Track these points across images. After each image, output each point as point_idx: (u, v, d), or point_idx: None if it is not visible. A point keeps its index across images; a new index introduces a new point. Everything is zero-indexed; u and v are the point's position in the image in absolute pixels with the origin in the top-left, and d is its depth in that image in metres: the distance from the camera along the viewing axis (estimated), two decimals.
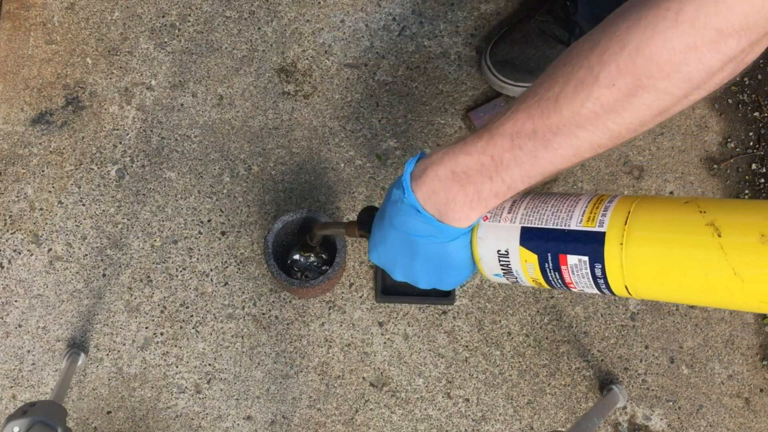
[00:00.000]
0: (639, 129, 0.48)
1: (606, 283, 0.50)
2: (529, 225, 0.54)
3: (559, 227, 0.52)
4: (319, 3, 1.18)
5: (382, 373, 1.06)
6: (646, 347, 1.08)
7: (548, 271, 0.53)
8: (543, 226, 0.53)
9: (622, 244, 0.48)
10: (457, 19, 1.18)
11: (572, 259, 0.51)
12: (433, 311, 1.08)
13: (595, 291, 0.52)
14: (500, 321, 1.08)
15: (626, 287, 0.49)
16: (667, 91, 0.46)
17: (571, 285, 0.53)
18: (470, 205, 0.54)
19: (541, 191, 0.55)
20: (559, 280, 0.53)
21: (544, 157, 0.50)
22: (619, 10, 0.47)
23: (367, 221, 0.67)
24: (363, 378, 1.06)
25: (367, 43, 1.17)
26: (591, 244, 0.50)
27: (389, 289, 1.07)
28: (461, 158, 0.53)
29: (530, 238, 0.54)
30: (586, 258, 0.50)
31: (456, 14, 1.18)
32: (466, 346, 1.07)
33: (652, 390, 1.07)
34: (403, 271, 0.62)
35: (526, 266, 0.54)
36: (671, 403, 1.07)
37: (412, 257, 0.58)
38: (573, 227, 0.51)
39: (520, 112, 0.50)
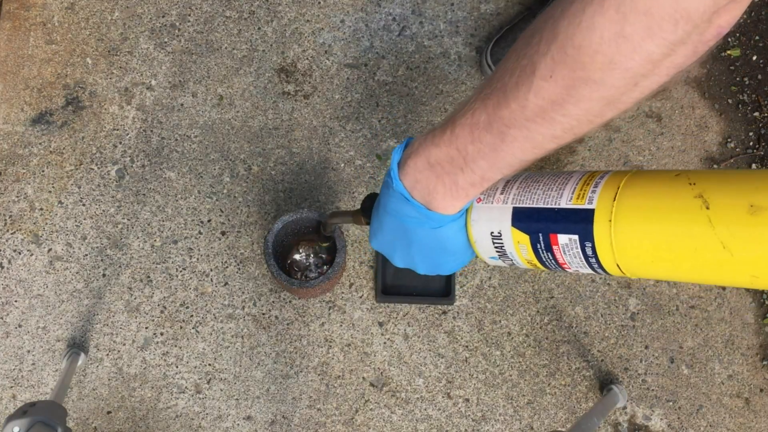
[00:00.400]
0: (596, 120, 0.45)
1: (598, 261, 0.49)
2: (520, 205, 0.53)
3: (549, 206, 0.51)
4: (319, 3, 1.18)
5: (382, 373, 1.06)
6: (646, 347, 1.08)
7: (541, 251, 0.52)
8: (534, 205, 0.52)
9: (610, 220, 0.47)
10: (457, 19, 1.18)
11: (563, 239, 0.50)
12: (433, 311, 1.08)
13: (589, 270, 0.51)
14: (500, 321, 1.08)
15: (618, 265, 0.48)
16: (606, 83, 0.42)
17: (565, 265, 0.52)
18: (451, 195, 0.53)
19: (534, 171, 0.54)
20: (553, 261, 0.52)
21: (504, 150, 0.48)
22: None
23: (368, 208, 0.67)
24: (363, 378, 1.06)
25: (367, 43, 1.17)
26: (580, 222, 0.49)
27: (389, 289, 1.07)
28: (432, 150, 0.52)
29: (521, 218, 0.53)
30: (576, 237, 0.49)
31: (456, 14, 1.18)
32: (466, 346, 1.07)
33: (652, 390, 1.07)
34: (402, 257, 0.61)
35: (519, 247, 0.53)
36: (671, 403, 1.07)
37: (409, 243, 0.58)
38: (563, 205, 0.50)
39: (477, 102, 0.49)
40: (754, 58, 1.18)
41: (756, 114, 1.16)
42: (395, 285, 1.07)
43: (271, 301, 1.07)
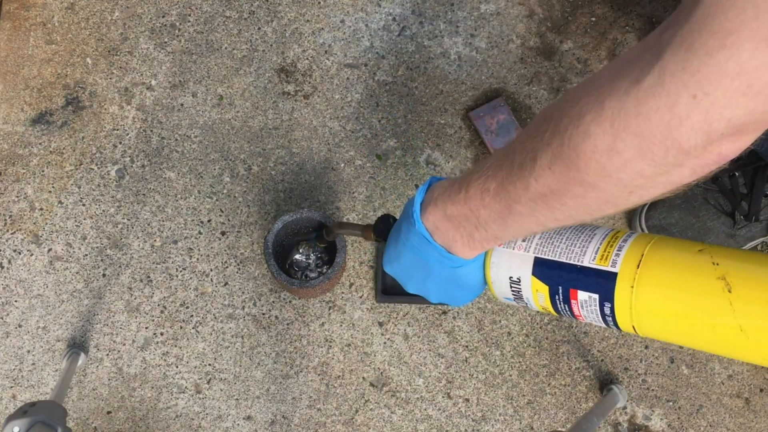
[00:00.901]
0: (595, 214, 0.46)
1: (614, 320, 0.51)
2: (542, 256, 0.55)
3: (572, 262, 0.53)
4: (319, 3, 1.18)
5: (382, 373, 1.06)
6: (646, 347, 1.08)
7: (558, 302, 0.54)
8: (556, 258, 0.54)
9: (632, 287, 0.49)
10: (457, 19, 1.18)
11: (583, 295, 0.52)
12: (433, 311, 1.08)
13: (603, 325, 0.53)
14: (500, 321, 1.08)
15: (633, 327, 0.50)
16: (599, 187, 0.42)
17: (580, 317, 0.54)
18: (468, 246, 0.55)
19: None
20: (568, 312, 0.54)
21: (512, 220, 0.50)
22: (593, 76, 0.43)
23: (382, 231, 0.69)
24: (363, 378, 1.06)
25: (367, 43, 1.17)
26: (602, 283, 0.50)
27: (389, 289, 1.07)
28: (449, 205, 0.53)
29: (543, 269, 0.55)
30: (596, 296, 0.51)
31: (456, 14, 1.18)
32: (466, 346, 1.07)
33: (652, 390, 1.07)
34: (416, 286, 0.63)
35: (537, 295, 0.55)
36: (671, 403, 1.07)
37: (425, 276, 0.60)
38: (586, 264, 0.52)
39: (491, 169, 0.50)
40: None
41: None
42: (395, 285, 1.07)
43: (271, 301, 1.07)
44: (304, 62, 1.16)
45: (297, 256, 1.04)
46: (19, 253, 1.07)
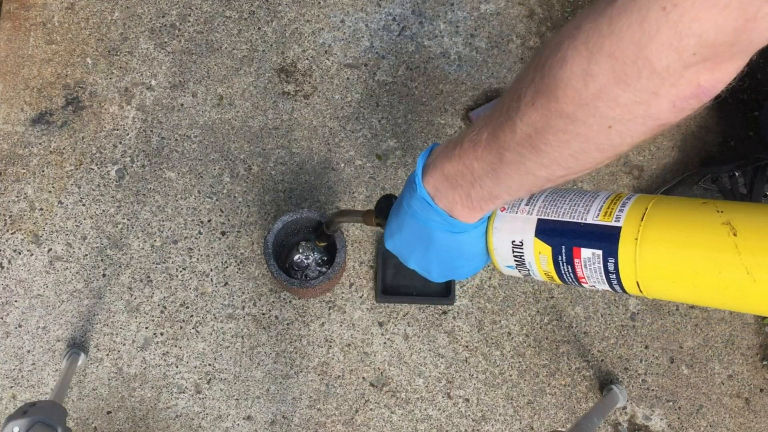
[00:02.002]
0: (579, 157, 0.44)
1: (618, 278, 0.50)
2: (545, 217, 0.54)
3: (575, 220, 0.53)
4: (319, 3, 1.18)
5: (382, 373, 1.06)
6: (646, 347, 1.08)
7: (561, 263, 0.53)
8: (560, 218, 0.54)
9: (637, 239, 0.48)
10: (457, 19, 1.18)
11: (586, 253, 0.51)
12: (433, 311, 1.08)
13: (606, 287, 0.52)
14: (500, 321, 1.08)
15: (638, 283, 0.49)
16: (578, 118, 0.41)
17: (583, 279, 0.53)
18: (467, 207, 0.54)
19: (560, 186, 0.56)
20: (571, 274, 0.53)
21: (503, 171, 0.49)
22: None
23: (384, 209, 0.68)
24: (363, 378, 1.06)
25: (367, 43, 1.17)
26: (606, 239, 0.50)
27: (389, 289, 1.07)
28: (446, 163, 0.53)
29: (546, 230, 0.54)
30: (599, 252, 0.50)
31: (456, 14, 1.18)
32: (466, 346, 1.07)
33: (652, 390, 1.07)
34: (418, 259, 0.62)
35: (540, 258, 0.55)
36: (671, 403, 1.07)
37: (427, 246, 0.59)
38: (589, 221, 0.52)
39: (485, 120, 0.49)
40: (754, 58, 1.18)
41: (756, 114, 1.16)
42: (395, 285, 1.07)
43: (271, 301, 1.07)
44: (304, 62, 1.16)
45: (297, 256, 1.04)
46: (19, 253, 1.07)
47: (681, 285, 0.47)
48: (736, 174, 1.02)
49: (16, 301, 1.06)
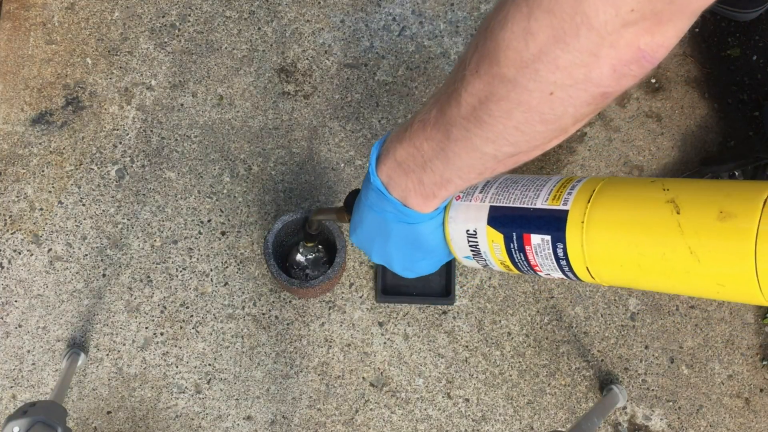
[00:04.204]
0: (524, 129, 0.42)
1: (569, 264, 0.49)
2: (497, 204, 0.53)
3: (525, 206, 0.51)
4: (319, 3, 1.18)
5: (382, 373, 1.06)
6: (646, 347, 1.08)
7: (514, 251, 0.52)
8: (510, 204, 0.52)
9: (583, 222, 0.46)
10: (457, 19, 1.18)
11: (535, 239, 0.49)
12: (433, 311, 1.08)
13: (560, 274, 0.51)
14: (500, 321, 1.08)
15: (588, 269, 0.48)
16: (519, 83, 0.39)
17: (536, 268, 0.52)
18: (420, 194, 0.52)
19: (515, 172, 0.54)
20: (525, 262, 0.52)
21: (451, 149, 0.47)
22: None
23: (351, 204, 0.67)
24: (363, 378, 1.06)
25: (367, 43, 1.17)
26: (554, 223, 0.48)
27: (389, 289, 1.07)
28: (398, 148, 0.51)
29: (497, 217, 0.52)
30: (548, 237, 0.49)
31: (456, 14, 1.18)
32: (466, 346, 1.07)
33: (652, 390, 1.07)
34: (379, 252, 0.61)
35: (493, 247, 0.53)
36: (671, 403, 1.07)
37: (386, 239, 0.57)
38: (538, 206, 0.50)
39: (433, 99, 0.47)
40: (754, 58, 1.18)
41: (756, 114, 1.16)
42: (395, 285, 1.07)
43: (271, 301, 1.07)
44: (304, 62, 1.16)
45: (297, 256, 1.04)
46: (19, 253, 1.07)
47: (629, 269, 0.45)
48: (736, 173, 1.02)
49: (16, 301, 1.06)
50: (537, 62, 0.38)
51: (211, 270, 1.08)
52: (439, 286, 1.08)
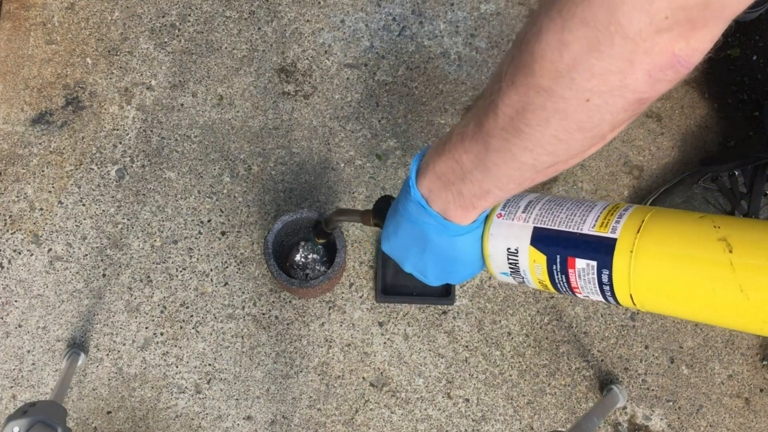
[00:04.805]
0: (562, 137, 0.43)
1: (611, 290, 0.50)
2: (542, 225, 0.54)
3: (571, 230, 0.52)
4: (319, 3, 1.18)
5: (382, 373, 1.06)
6: (646, 347, 1.08)
7: (555, 273, 0.53)
8: (556, 227, 0.53)
9: (632, 251, 0.48)
10: (457, 19, 1.18)
11: (580, 263, 0.51)
12: (433, 311, 1.08)
13: (600, 298, 0.52)
14: (500, 321, 1.08)
15: (631, 296, 0.49)
16: (556, 93, 0.40)
17: (577, 290, 0.53)
18: (460, 206, 0.53)
19: (557, 194, 0.55)
20: (566, 284, 0.53)
21: (490, 160, 0.48)
22: None
23: (382, 210, 0.67)
24: (363, 378, 1.06)
25: (367, 43, 1.17)
26: (601, 250, 0.49)
27: (389, 289, 1.07)
28: (437, 161, 0.52)
29: (541, 238, 0.54)
30: (594, 263, 0.50)
31: (456, 14, 1.18)
32: (466, 346, 1.07)
33: (652, 390, 1.07)
34: (414, 262, 0.62)
35: (534, 266, 0.54)
36: (671, 403, 1.07)
37: (423, 249, 0.58)
38: (585, 231, 0.51)
39: (471, 111, 0.48)
40: (754, 57, 1.18)
41: (756, 114, 1.16)
42: (395, 285, 1.07)
43: (271, 301, 1.07)
44: (304, 62, 1.16)
45: (297, 256, 1.04)
46: (19, 253, 1.07)
47: (675, 300, 0.47)
48: (736, 173, 1.02)
49: (16, 301, 1.06)
50: (572, 71, 0.39)
51: (211, 270, 1.08)
52: (439, 286, 1.08)
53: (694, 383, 1.08)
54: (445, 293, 1.07)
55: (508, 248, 0.56)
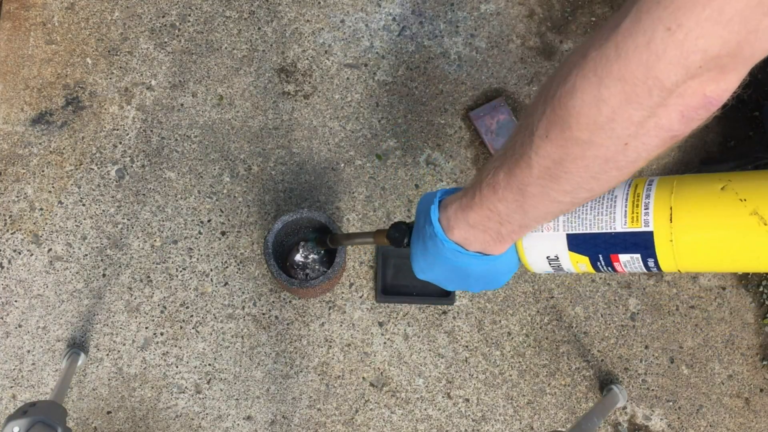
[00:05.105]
0: (601, 177, 0.46)
1: (658, 268, 0.54)
2: (574, 232, 0.57)
3: (605, 231, 0.55)
4: (319, 3, 1.18)
5: (382, 373, 1.06)
6: (646, 347, 1.08)
7: (601, 266, 0.57)
8: (588, 231, 0.56)
9: (671, 240, 0.51)
10: (457, 19, 1.18)
11: (624, 257, 0.54)
12: (433, 311, 1.08)
13: (645, 271, 0.56)
14: (500, 321, 1.08)
15: (679, 270, 0.53)
16: (595, 142, 0.42)
17: (622, 273, 0.57)
18: (499, 242, 0.56)
19: None
20: (611, 271, 0.57)
21: (529, 204, 0.50)
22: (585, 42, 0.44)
23: (398, 240, 0.69)
24: (363, 378, 1.06)
25: (367, 43, 1.17)
26: (641, 244, 0.53)
27: (389, 289, 1.07)
28: (469, 214, 0.55)
29: (578, 243, 0.57)
30: (638, 255, 0.53)
31: (456, 14, 1.18)
32: (466, 346, 1.07)
33: (652, 390, 1.07)
34: (456, 285, 0.65)
35: (578, 266, 0.58)
36: (671, 403, 1.07)
37: (465, 278, 0.62)
38: (619, 229, 0.54)
39: (497, 162, 0.51)
40: None
41: (756, 114, 1.16)
42: (395, 285, 1.07)
43: (271, 301, 1.07)
44: (304, 62, 1.16)
45: (297, 256, 1.04)
46: (19, 253, 1.07)
47: (721, 265, 0.51)
48: None
49: (16, 301, 1.06)
50: (611, 122, 0.41)
51: (211, 270, 1.08)
52: (439, 287, 1.07)
53: (694, 383, 1.08)
54: (445, 293, 1.07)
55: (548, 256, 0.59)
